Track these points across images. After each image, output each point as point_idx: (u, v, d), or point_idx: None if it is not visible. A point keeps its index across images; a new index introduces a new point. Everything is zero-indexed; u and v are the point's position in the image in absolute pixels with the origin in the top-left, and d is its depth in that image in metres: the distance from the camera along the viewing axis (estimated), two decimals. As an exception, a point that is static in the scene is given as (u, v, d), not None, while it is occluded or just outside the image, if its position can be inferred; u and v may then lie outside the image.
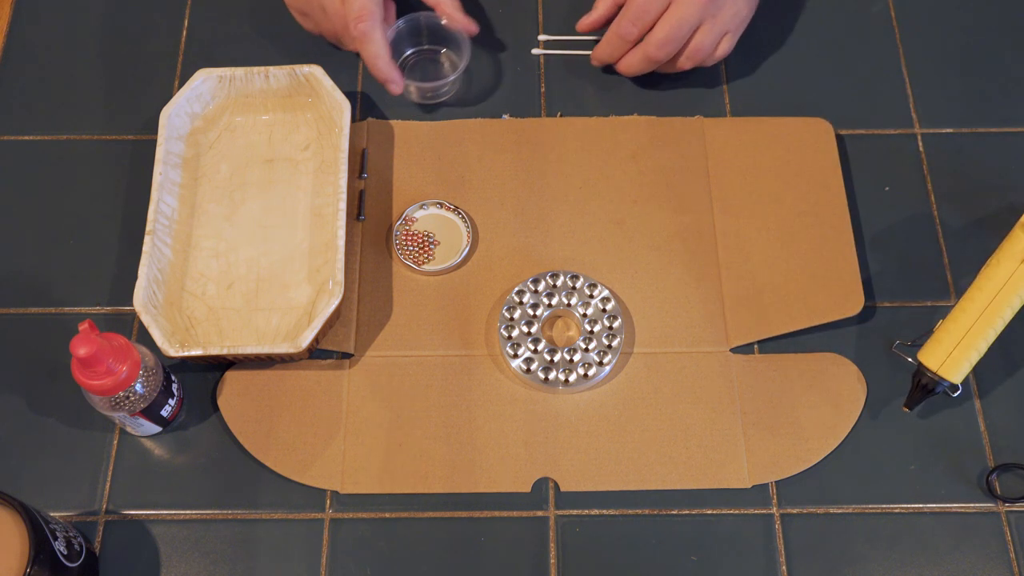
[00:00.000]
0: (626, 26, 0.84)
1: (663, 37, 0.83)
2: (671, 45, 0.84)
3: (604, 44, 0.87)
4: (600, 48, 0.88)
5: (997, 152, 0.88)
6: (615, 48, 0.87)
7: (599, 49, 0.88)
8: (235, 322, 0.80)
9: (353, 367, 0.80)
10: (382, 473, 0.76)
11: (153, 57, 0.93)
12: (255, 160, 0.86)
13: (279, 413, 0.78)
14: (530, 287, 0.81)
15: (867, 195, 0.86)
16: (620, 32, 0.85)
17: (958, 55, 0.93)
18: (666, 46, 0.84)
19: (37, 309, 0.82)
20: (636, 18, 0.84)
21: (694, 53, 0.85)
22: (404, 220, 0.84)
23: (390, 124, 0.89)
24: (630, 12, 0.84)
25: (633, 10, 0.84)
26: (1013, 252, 0.74)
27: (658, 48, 0.84)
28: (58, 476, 0.76)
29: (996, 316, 0.74)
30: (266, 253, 0.83)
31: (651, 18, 0.84)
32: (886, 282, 0.83)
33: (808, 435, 0.77)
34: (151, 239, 0.79)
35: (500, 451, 0.77)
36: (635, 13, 0.84)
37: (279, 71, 0.86)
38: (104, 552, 0.74)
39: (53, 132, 0.89)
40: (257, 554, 0.74)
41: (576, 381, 0.78)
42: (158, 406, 0.74)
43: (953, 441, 0.78)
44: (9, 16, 0.95)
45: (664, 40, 0.83)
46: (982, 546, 0.74)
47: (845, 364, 0.80)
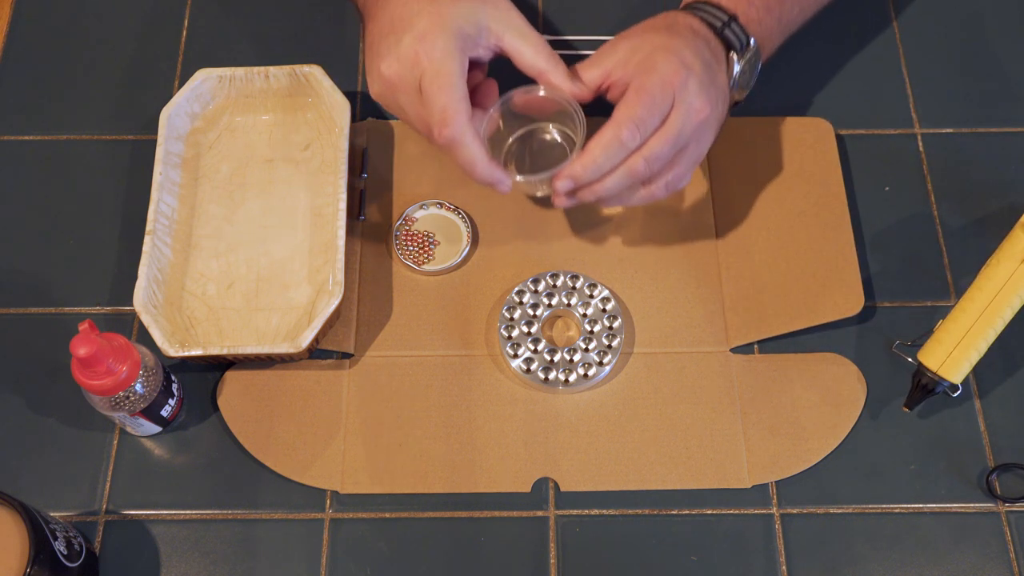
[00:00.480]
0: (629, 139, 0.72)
1: (655, 154, 0.72)
2: (660, 163, 0.73)
3: (611, 179, 0.73)
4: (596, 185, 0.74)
5: (997, 152, 0.88)
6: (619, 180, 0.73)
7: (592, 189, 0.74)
8: (235, 322, 0.80)
9: (353, 367, 0.80)
10: (382, 473, 0.76)
11: (153, 57, 0.93)
12: (255, 160, 0.86)
13: (279, 413, 0.78)
14: (530, 287, 0.81)
15: (867, 195, 0.86)
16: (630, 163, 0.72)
17: (958, 55, 0.93)
18: (655, 163, 0.73)
19: (37, 309, 0.82)
20: (640, 126, 0.71)
21: (676, 180, 0.75)
22: (404, 220, 0.84)
23: (390, 124, 0.89)
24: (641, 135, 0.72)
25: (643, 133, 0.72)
26: (1013, 252, 0.74)
27: (648, 165, 0.73)
28: (58, 476, 0.76)
29: (996, 316, 0.74)
30: (266, 253, 0.83)
31: (649, 131, 0.72)
32: (886, 282, 0.83)
33: (808, 435, 0.77)
34: (151, 239, 0.79)
35: (500, 451, 0.77)
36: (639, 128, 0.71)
37: (279, 71, 0.86)
38: (104, 552, 0.74)
39: (53, 132, 0.89)
40: (257, 554, 0.74)
41: (576, 381, 0.78)
42: (158, 406, 0.74)
43: (953, 441, 0.78)
44: (9, 16, 0.95)
45: (655, 157, 0.72)
46: (982, 546, 0.74)
47: (845, 364, 0.80)
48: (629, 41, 0.75)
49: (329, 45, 0.93)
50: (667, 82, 0.71)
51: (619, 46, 0.75)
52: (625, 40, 0.75)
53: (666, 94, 0.71)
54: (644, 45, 0.74)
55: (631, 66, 0.73)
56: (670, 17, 0.77)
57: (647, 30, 0.76)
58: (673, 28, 0.75)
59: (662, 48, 0.73)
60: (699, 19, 0.77)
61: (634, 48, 0.74)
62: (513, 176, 0.75)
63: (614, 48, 0.75)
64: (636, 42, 0.74)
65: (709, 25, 0.77)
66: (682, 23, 0.76)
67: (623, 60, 0.74)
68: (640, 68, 0.72)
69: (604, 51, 0.75)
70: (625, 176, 0.73)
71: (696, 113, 0.72)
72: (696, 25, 0.76)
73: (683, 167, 0.74)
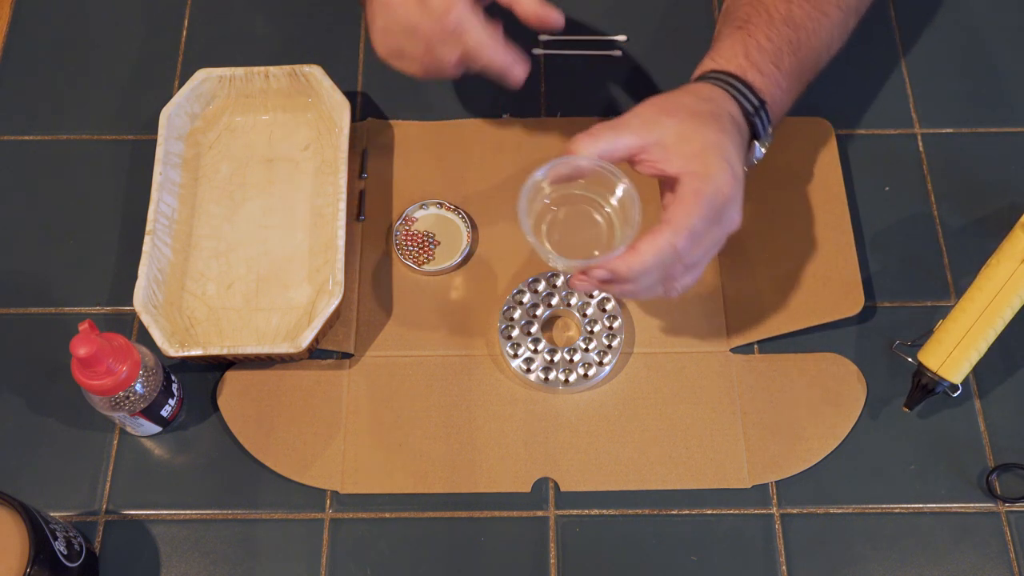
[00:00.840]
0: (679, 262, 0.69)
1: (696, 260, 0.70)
2: (696, 269, 0.71)
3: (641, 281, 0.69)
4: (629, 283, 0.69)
5: (997, 152, 0.88)
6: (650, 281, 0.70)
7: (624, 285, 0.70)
8: (235, 322, 0.80)
9: (353, 367, 0.80)
10: (382, 473, 0.76)
11: (153, 57, 0.93)
12: (255, 160, 0.86)
13: (279, 413, 0.78)
14: (530, 287, 0.81)
15: (867, 195, 0.86)
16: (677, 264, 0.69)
17: (958, 55, 0.93)
18: (692, 270, 0.70)
19: (37, 309, 0.82)
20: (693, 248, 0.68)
21: (689, 285, 0.72)
22: (404, 220, 0.84)
23: (390, 124, 0.89)
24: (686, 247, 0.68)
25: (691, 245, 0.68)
26: (1013, 252, 0.74)
27: (684, 270, 0.70)
28: (58, 476, 0.76)
29: (996, 316, 0.74)
30: (266, 253, 0.83)
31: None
32: (886, 282, 0.83)
33: (808, 435, 0.77)
34: (151, 239, 0.79)
35: (500, 451, 0.77)
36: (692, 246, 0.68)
37: (279, 71, 0.86)
38: (104, 552, 0.74)
39: (53, 132, 0.89)
40: (257, 554, 0.74)
41: (576, 381, 0.78)
42: (158, 406, 0.74)
43: (953, 441, 0.78)
44: (9, 16, 0.95)
45: (693, 264, 0.70)
46: (982, 546, 0.74)
47: (845, 364, 0.80)
48: (677, 124, 0.70)
49: (329, 45, 0.93)
50: (721, 194, 0.68)
51: (664, 124, 0.70)
52: (671, 118, 0.70)
53: (717, 208, 0.68)
54: (695, 137, 0.69)
55: (680, 158, 0.69)
56: (714, 99, 0.73)
57: (695, 116, 0.71)
58: (719, 118, 0.71)
59: (714, 148, 0.69)
60: (737, 104, 0.73)
61: (682, 137, 0.69)
62: (546, 249, 0.71)
63: (658, 124, 0.70)
64: (685, 129, 0.70)
65: (744, 111, 0.74)
66: (724, 111, 0.72)
67: (670, 144, 0.69)
68: (694, 166, 0.68)
69: (645, 123, 0.70)
70: (662, 281, 0.70)
71: (731, 225, 0.70)
72: (735, 113, 0.73)
73: (699, 272, 0.72)
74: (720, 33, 0.78)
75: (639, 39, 0.94)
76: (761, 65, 0.75)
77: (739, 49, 0.75)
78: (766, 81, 0.75)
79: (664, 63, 0.92)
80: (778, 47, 0.76)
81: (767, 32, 0.76)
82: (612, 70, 0.92)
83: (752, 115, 0.74)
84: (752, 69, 0.75)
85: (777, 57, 0.76)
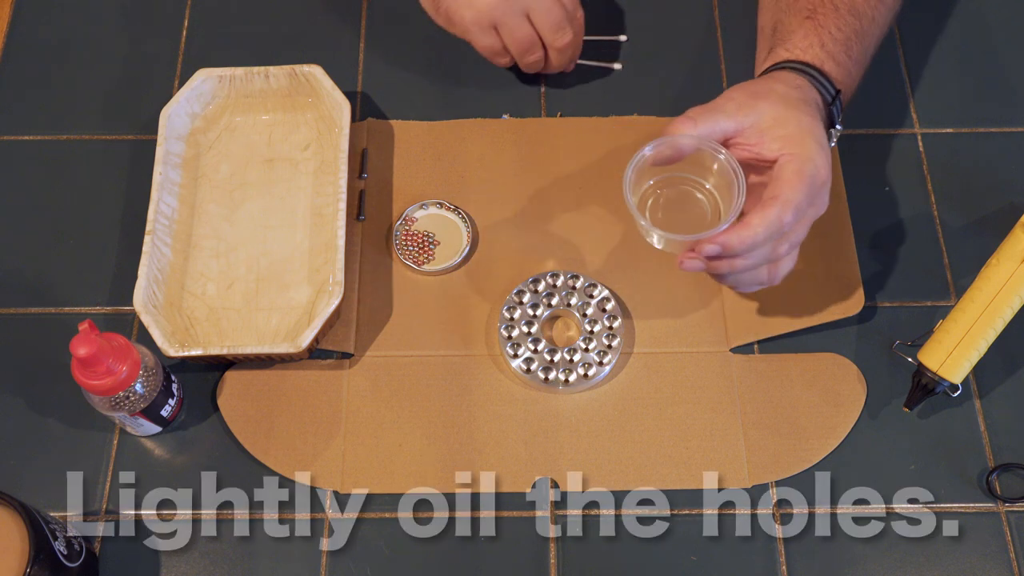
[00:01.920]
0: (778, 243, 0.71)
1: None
2: (795, 250, 0.73)
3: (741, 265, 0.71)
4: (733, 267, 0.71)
5: (997, 152, 0.88)
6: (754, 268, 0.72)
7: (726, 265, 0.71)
8: (235, 322, 0.80)
9: (353, 367, 0.80)
10: (382, 473, 0.76)
11: (153, 57, 0.93)
12: (255, 160, 0.86)
13: (279, 413, 0.78)
14: (530, 287, 0.81)
15: (867, 195, 0.86)
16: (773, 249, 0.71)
17: (958, 55, 0.93)
18: (794, 249, 0.72)
19: (37, 309, 0.82)
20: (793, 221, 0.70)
21: (785, 269, 0.74)
22: (404, 220, 0.84)
23: (390, 124, 0.89)
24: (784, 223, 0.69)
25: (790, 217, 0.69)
26: (1013, 252, 0.74)
27: (789, 249, 0.72)
28: (58, 476, 0.76)
29: (996, 316, 0.74)
30: (266, 253, 0.83)
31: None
32: (886, 282, 0.83)
33: (808, 435, 0.77)
34: (151, 239, 0.79)
35: (500, 451, 0.77)
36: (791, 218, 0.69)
37: (279, 71, 0.86)
38: (104, 552, 0.74)
39: (53, 132, 0.89)
40: (257, 554, 0.74)
41: (576, 381, 0.78)
42: (158, 406, 0.74)
43: (953, 441, 0.78)
44: (9, 16, 0.95)
45: (796, 243, 0.72)
46: (982, 546, 0.74)
47: (845, 364, 0.80)
48: (771, 108, 0.71)
49: (329, 45, 0.93)
50: (820, 176, 0.70)
51: (759, 108, 0.71)
52: (766, 102, 0.72)
53: (816, 189, 0.70)
54: (790, 121, 0.71)
55: (773, 139, 0.70)
56: (802, 87, 0.74)
57: (788, 101, 0.72)
58: (808, 104, 0.73)
59: (810, 132, 0.71)
60: (819, 94, 0.75)
61: (779, 120, 0.71)
62: (650, 227, 0.71)
63: (754, 109, 0.71)
64: (780, 113, 0.71)
65: (824, 101, 0.75)
66: (811, 98, 0.74)
67: (766, 128, 0.71)
68: (793, 148, 0.70)
69: (740, 107, 0.72)
70: (767, 257, 0.71)
71: (822, 208, 0.72)
72: (819, 101, 0.75)
73: (796, 256, 0.74)
74: (785, 23, 0.79)
75: (640, 39, 0.94)
76: (836, 55, 0.77)
77: (814, 39, 0.77)
78: (840, 71, 0.77)
79: (664, 63, 0.92)
80: (847, 36, 0.78)
81: (836, 22, 0.78)
82: (608, 71, 0.92)
83: (829, 104, 0.76)
84: (829, 60, 0.76)
85: (847, 46, 0.77)
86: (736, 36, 0.93)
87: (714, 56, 0.93)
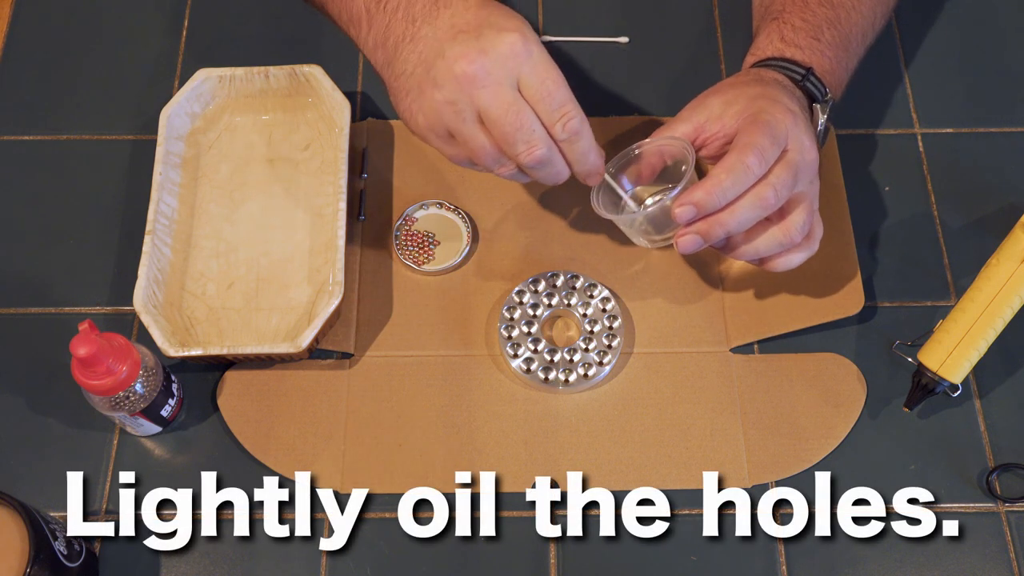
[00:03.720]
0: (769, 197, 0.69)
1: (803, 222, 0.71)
2: (786, 192, 0.70)
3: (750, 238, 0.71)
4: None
5: (997, 152, 0.88)
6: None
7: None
8: (235, 322, 0.80)
9: (353, 367, 0.80)
10: (382, 473, 0.76)
11: (153, 57, 0.93)
12: (255, 160, 0.86)
13: (279, 413, 0.78)
14: (530, 287, 0.81)
15: (867, 195, 0.86)
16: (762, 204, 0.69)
17: (958, 55, 0.93)
18: (783, 191, 0.70)
19: (37, 309, 0.82)
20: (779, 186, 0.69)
21: (805, 224, 0.72)
22: (404, 220, 0.84)
23: (390, 124, 0.89)
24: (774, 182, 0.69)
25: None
26: (1013, 252, 0.74)
27: (776, 194, 0.69)
28: (58, 476, 0.76)
29: (996, 316, 0.74)
30: (266, 253, 0.83)
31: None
32: (886, 282, 0.83)
33: (808, 435, 0.77)
34: (151, 239, 0.79)
35: (500, 451, 0.77)
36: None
37: (279, 71, 0.86)
38: (104, 552, 0.74)
39: (53, 132, 0.89)
40: (257, 554, 0.74)
41: (576, 381, 0.78)
42: (158, 406, 0.74)
43: (953, 441, 0.78)
44: (9, 16, 0.95)
45: (782, 185, 0.69)
46: (982, 546, 0.74)
47: (845, 364, 0.80)
48: (720, 96, 0.73)
49: (329, 45, 0.93)
50: (779, 120, 0.69)
51: (709, 102, 0.73)
52: (715, 95, 0.73)
53: (780, 129, 0.69)
54: (739, 97, 0.72)
55: (729, 117, 0.71)
56: (753, 73, 0.76)
57: (735, 84, 0.74)
58: (762, 80, 0.74)
59: (761, 96, 0.71)
60: (782, 74, 0.76)
61: (728, 101, 0.72)
62: (627, 208, 0.72)
63: (704, 104, 0.73)
64: (728, 96, 0.72)
65: (792, 80, 0.75)
66: (767, 76, 0.75)
67: (718, 114, 0.72)
68: (743, 114, 0.71)
69: (692, 108, 0.73)
70: (754, 205, 0.68)
71: (808, 151, 0.70)
72: (780, 78, 0.75)
73: (808, 216, 0.71)
74: (757, 29, 0.81)
75: (640, 40, 0.94)
76: (798, 41, 0.77)
77: (774, 36, 0.78)
78: (806, 53, 0.77)
79: (665, 64, 0.92)
80: (815, 25, 0.78)
81: (802, 15, 0.78)
82: (613, 69, 0.92)
83: (801, 82, 0.75)
84: (790, 47, 0.77)
85: (815, 32, 0.77)
86: (736, 36, 0.93)
87: (714, 56, 0.93)
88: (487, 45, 0.65)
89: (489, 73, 0.65)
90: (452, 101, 0.66)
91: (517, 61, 0.65)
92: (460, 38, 0.66)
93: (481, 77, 0.65)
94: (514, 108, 0.66)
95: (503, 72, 0.65)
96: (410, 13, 0.68)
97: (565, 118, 0.67)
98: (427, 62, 0.67)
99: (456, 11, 0.67)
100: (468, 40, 0.65)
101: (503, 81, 0.65)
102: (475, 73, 0.65)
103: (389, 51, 0.70)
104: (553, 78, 0.66)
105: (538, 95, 0.66)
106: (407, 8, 0.69)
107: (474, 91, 0.65)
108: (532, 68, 0.66)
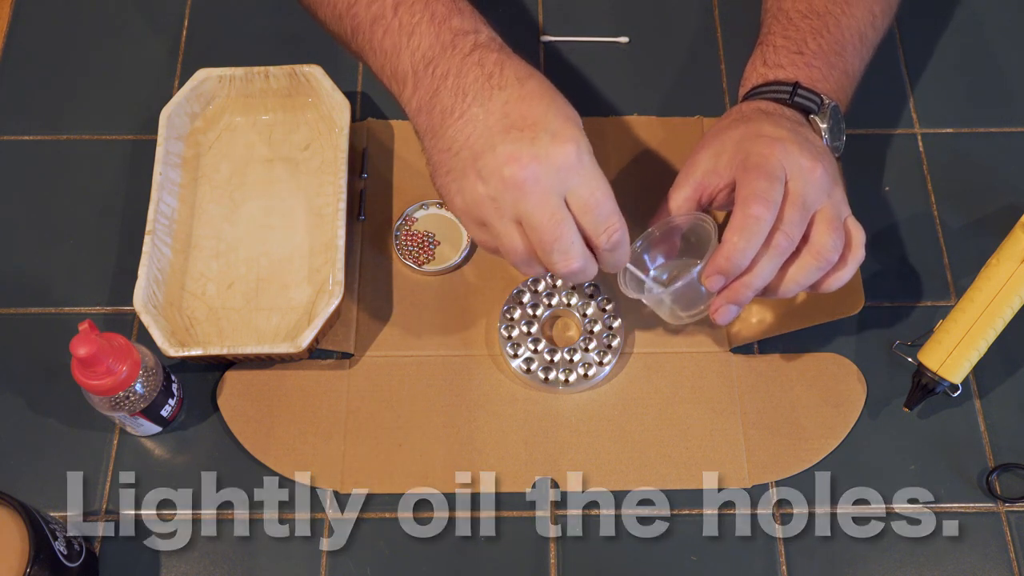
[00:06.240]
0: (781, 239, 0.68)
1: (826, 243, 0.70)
2: (797, 230, 0.70)
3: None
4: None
5: (997, 152, 0.88)
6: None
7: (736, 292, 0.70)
8: (235, 322, 0.80)
9: (353, 367, 0.80)
10: (382, 473, 0.76)
11: (153, 57, 0.93)
12: (255, 160, 0.86)
13: (279, 413, 0.78)
14: (530, 287, 0.81)
15: (867, 195, 0.86)
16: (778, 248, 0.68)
17: (958, 55, 0.93)
18: (793, 231, 0.69)
19: (37, 309, 0.82)
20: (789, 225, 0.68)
21: (835, 248, 0.70)
22: (404, 220, 0.84)
23: (390, 124, 0.89)
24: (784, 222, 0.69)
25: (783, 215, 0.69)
26: (1013, 252, 0.74)
27: (787, 236, 0.69)
28: (58, 476, 0.76)
29: (996, 316, 0.74)
30: (266, 253, 0.83)
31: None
32: (886, 282, 0.83)
33: (808, 435, 0.77)
34: (151, 239, 0.79)
35: (500, 451, 0.77)
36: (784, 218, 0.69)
37: (279, 71, 0.86)
38: (104, 552, 0.74)
39: (53, 132, 0.89)
40: (257, 554, 0.74)
41: (576, 381, 0.78)
42: (158, 406, 0.74)
43: (953, 441, 0.78)
44: (9, 16, 0.95)
45: (791, 224, 0.69)
46: (982, 546, 0.74)
47: (845, 364, 0.80)
48: (707, 149, 0.73)
49: (329, 45, 0.92)
50: (768, 155, 0.69)
51: (699, 159, 0.73)
52: (703, 151, 0.73)
53: (773, 165, 0.68)
54: (725, 144, 0.72)
55: (722, 167, 0.71)
56: (735, 112, 0.76)
57: (719, 133, 0.74)
58: (743, 118, 0.74)
59: (744, 138, 0.71)
60: (765, 100, 0.76)
61: (716, 152, 0.72)
62: (654, 291, 0.73)
63: (695, 163, 0.73)
64: (715, 147, 0.73)
65: (777, 101, 0.75)
66: (748, 111, 0.75)
67: (711, 167, 0.72)
68: (734, 162, 0.71)
69: (686, 172, 0.74)
70: (771, 256, 0.68)
71: (809, 171, 0.69)
72: (764, 106, 0.75)
73: (834, 231, 0.70)
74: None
75: (640, 40, 0.94)
76: (779, 61, 0.77)
77: (758, 63, 0.78)
78: (788, 70, 0.77)
79: (665, 64, 0.92)
80: (797, 40, 0.78)
81: (784, 33, 0.78)
82: (613, 69, 0.92)
83: (789, 99, 0.75)
84: (772, 69, 0.77)
85: (798, 46, 0.77)
86: (736, 36, 0.93)
87: (714, 56, 0.93)
88: (541, 152, 0.63)
89: (539, 181, 0.63)
90: (494, 198, 0.65)
91: (569, 173, 0.64)
92: (513, 135, 0.64)
93: (530, 184, 0.63)
94: (556, 218, 0.64)
95: (553, 182, 0.64)
96: (460, 85, 0.66)
97: (610, 231, 0.66)
98: (475, 150, 0.65)
99: (511, 96, 0.65)
100: (522, 142, 0.63)
101: (550, 191, 0.64)
102: (524, 179, 0.63)
103: (435, 121, 0.67)
104: (603, 190, 0.65)
105: (586, 207, 0.65)
106: (457, 78, 0.66)
107: (520, 196, 0.64)
108: (583, 180, 0.64)
